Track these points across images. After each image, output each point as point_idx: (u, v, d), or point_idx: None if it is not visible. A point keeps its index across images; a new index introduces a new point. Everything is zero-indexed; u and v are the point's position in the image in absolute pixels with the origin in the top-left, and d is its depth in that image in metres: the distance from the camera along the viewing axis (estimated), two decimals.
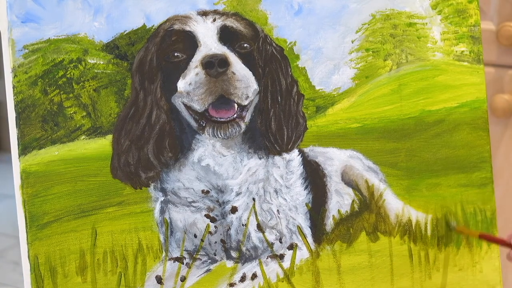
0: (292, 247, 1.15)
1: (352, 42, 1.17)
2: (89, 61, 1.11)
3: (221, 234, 1.15)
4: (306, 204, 1.17)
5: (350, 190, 1.19)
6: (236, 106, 1.10)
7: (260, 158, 1.15)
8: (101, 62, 1.11)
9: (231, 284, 1.14)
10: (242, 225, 1.14)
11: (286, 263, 1.15)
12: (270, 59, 1.13)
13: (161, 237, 1.13)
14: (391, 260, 1.17)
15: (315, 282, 1.15)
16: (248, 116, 1.12)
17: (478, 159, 1.19)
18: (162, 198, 1.14)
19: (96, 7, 1.11)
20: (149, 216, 1.13)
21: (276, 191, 1.15)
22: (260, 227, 1.15)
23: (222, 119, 1.10)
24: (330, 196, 1.18)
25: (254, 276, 1.14)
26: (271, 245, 1.15)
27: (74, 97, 1.11)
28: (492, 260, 1.19)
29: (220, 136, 1.10)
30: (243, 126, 1.11)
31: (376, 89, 1.17)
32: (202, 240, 1.14)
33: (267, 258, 1.15)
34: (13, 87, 1.09)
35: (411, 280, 1.17)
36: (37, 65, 1.10)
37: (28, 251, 1.09)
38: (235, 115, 1.10)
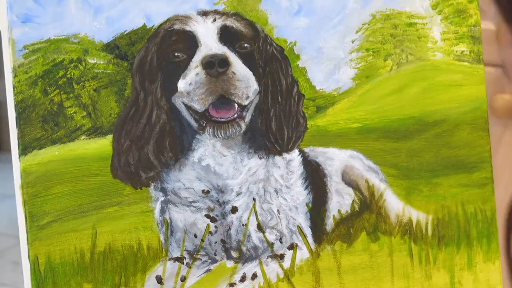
0: (292, 247, 1.15)
1: (352, 42, 1.17)
2: (89, 61, 1.11)
3: (221, 234, 1.15)
4: (307, 204, 1.17)
5: (350, 190, 1.19)
6: (236, 106, 1.10)
7: (260, 158, 1.15)
8: (102, 62, 1.11)
9: (231, 284, 1.14)
10: (242, 225, 1.14)
11: (286, 263, 1.15)
12: (271, 59, 1.14)
13: (161, 237, 1.13)
14: (392, 260, 1.17)
15: (315, 282, 1.15)
16: (248, 116, 1.12)
17: (478, 159, 1.19)
18: (163, 198, 1.14)
19: (96, 7, 1.11)
20: (149, 216, 1.13)
21: (276, 191, 1.15)
22: (260, 227, 1.15)
23: (222, 119, 1.10)
24: (331, 196, 1.18)
25: (254, 276, 1.14)
26: (271, 245, 1.15)
27: (74, 97, 1.11)
28: (492, 260, 1.19)
29: (220, 136, 1.10)
30: (243, 126, 1.11)
31: (377, 89, 1.17)
32: (202, 240, 1.14)
33: (267, 258, 1.15)
34: (13, 87, 1.09)
35: (412, 280, 1.17)
36: (38, 65, 1.10)
37: (28, 251, 1.09)
38: (236, 115, 1.10)
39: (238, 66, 1.08)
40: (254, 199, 1.15)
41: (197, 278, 1.14)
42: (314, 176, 1.18)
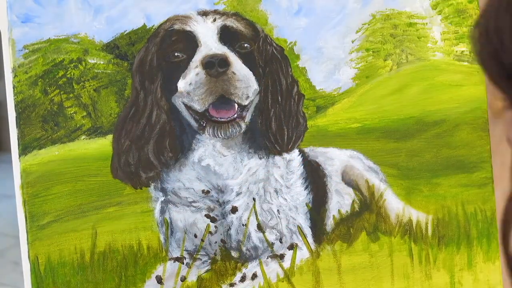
0: (292, 247, 1.15)
1: (352, 42, 1.16)
2: (89, 61, 1.11)
3: (221, 234, 1.15)
4: (307, 204, 1.17)
5: (350, 190, 1.19)
6: (236, 106, 1.10)
7: (260, 158, 1.15)
8: (101, 62, 1.11)
9: (231, 284, 1.14)
10: (242, 225, 1.14)
11: (286, 263, 1.15)
12: (271, 59, 1.13)
13: (161, 237, 1.13)
14: (392, 260, 1.17)
15: (315, 282, 1.15)
16: (248, 116, 1.12)
17: (478, 159, 1.19)
18: (163, 198, 1.14)
19: (96, 7, 1.11)
20: (149, 216, 1.13)
21: (276, 191, 1.15)
22: (260, 227, 1.15)
23: (222, 119, 1.10)
24: (331, 196, 1.18)
25: (254, 276, 1.14)
26: (271, 245, 1.15)
27: (74, 97, 1.11)
28: (492, 260, 1.19)
29: (220, 136, 1.10)
30: (243, 126, 1.11)
31: (377, 89, 1.17)
32: (202, 240, 1.14)
33: (267, 258, 1.15)
34: (13, 87, 1.09)
35: (412, 280, 1.17)
36: (37, 65, 1.09)
37: (28, 251, 1.09)
38: (236, 115, 1.10)
39: (238, 66, 1.08)
40: (254, 199, 1.15)
41: (197, 278, 1.14)
42: (314, 176, 1.18)
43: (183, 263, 1.14)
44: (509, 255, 0.44)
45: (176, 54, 1.10)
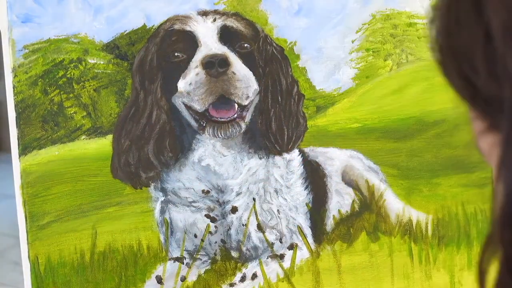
0: (292, 247, 1.15)
1: (353, 42, 1.16)
2: (89, 61, 1.11)
3: (221, 234, 1.15)
4: (307, 204, 1.17)
5: (350, 190, 1.19)
6: (236, 106, 1.10)
7: (260, 158, 1.15)
8: (101, 62, 1.11)
9: (231, 284, 1.14)
10: (242, 225, 1.14)
11: (286, 263, 1.15)
12: (271, 59, 1.13)
13: (162, 237, 1.13)
14: (392, 260, 1.17)
15: (315, 282, 1.15)
16: (248, 116, 1.12)
17: (478, 159, 1.19)
18: (163, 198, 1.14)
19: (96, 7, 1.11)
20: (149, 216, 1.13)
21: (276, 191, 1.15)
22: (260, 227, 1.15)
23: (222, 119, 1.10)
24: (331, 196, 1.18)
25: (254, 276, 1.14)
26: (271, 245, 1.15)
27: (74, 97, 1.11)
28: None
29: (220, 136, 1.10)
30: (243, 126, 1.11)
31: (377, 89, 1.17)
32: (202, 240, 1.14)
33: (267, 258, 1.15)
34: (13, 87, 1.09)
35: (412, 280, 1.17)
36: (37, 65, 1.09)
37: (28, 251, 1.09)
38: (236, 115, 1.10)
39: (238, 66, 1.08)
40: (254, 199, 1.15)
41: (197, 278, 1.14)
42: (314, 176, 1.18)
43: (183, 263, 1.14)
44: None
45: (176, 54, 1.10)
